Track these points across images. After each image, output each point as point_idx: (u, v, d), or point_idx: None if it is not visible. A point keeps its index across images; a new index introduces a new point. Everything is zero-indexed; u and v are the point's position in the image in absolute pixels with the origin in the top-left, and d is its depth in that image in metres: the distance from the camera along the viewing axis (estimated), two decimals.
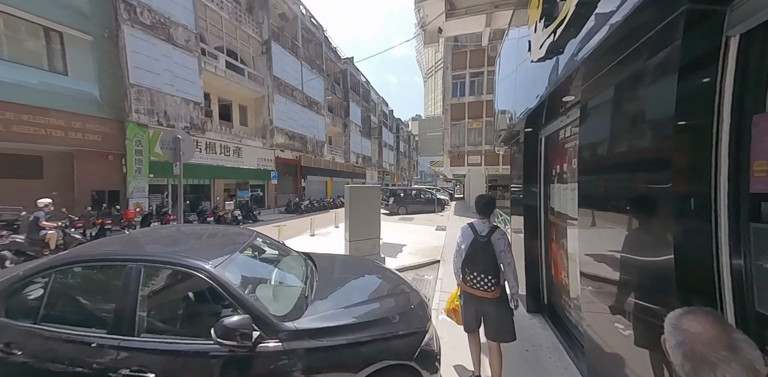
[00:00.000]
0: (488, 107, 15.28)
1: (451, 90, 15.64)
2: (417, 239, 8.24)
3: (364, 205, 5.34)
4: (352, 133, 27.53)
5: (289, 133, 18.64)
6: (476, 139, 15.70)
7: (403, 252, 6.67)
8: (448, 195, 26.34)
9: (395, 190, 15.60)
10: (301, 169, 21.68)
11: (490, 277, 2.07)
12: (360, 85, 30.03)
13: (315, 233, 9.35)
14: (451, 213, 16.13)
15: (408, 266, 5.53)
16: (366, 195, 5.41)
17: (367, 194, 5.43)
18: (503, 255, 2.06)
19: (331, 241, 7.95)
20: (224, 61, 15.02)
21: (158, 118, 11.49)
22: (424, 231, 9.70)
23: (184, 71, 12.56)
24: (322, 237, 8.98)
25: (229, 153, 15.60)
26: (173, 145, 5.07)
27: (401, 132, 48.74)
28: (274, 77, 17.40)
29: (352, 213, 5.25)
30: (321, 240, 8.28)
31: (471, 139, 15.76)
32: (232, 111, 17.47)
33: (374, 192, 5.53)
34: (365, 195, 5.40)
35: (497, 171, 15.66)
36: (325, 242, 7.93)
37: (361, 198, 5.34)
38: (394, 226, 10.83)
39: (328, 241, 8.05)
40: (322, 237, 8.99)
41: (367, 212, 5.36)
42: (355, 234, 5.25)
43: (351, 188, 5.30)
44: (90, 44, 9.64)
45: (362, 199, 5.35)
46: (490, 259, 2.08)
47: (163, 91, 11.58)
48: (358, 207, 5.29)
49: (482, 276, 2.09)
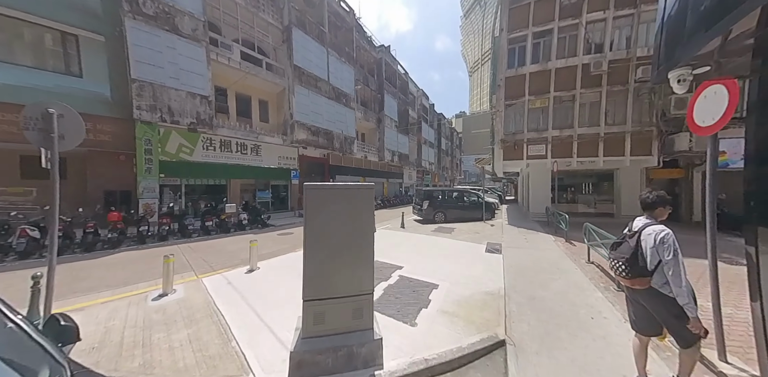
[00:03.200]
0: (559, 78, 11.51)
1: (506, 58, 12.06)
2: (457, 271, 5.28)
3: (338, 225, 2.66)
4: (387, 129, 25.00)
5: (312, 128, 16.78)
6: (541, 123, 11.96)
7: (431, 306, 3.69)
8: (497, 197, 22.38)
9: (431, 191, 12.53)
10: (329, 168, 19.75)
11: (620, 263, 2.19)
12: (397, 76, 27.42)
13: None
14: (504, 221, 12.62)
15: (434, 360, 2.63)
16: (343, 205, 2.70)
17: (344, 201, 2.71)
18: (658, 253, 2.09)
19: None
20: (239, 51, 13.60)
21: (161, 114, 10.65)
22: (469, 255, 6.65)
23: (190, 63, 11.49)
24: None
25: (247, 151, 14.35)
26: (43, 124, 2.98)
27: (443, 128, 44.99)
28: (294, 66, 15.64)
29: (312, 241, 2.60)
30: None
31: (533, 123, 12.04)
32: (252, 106, 16.16)
33: (363, 198, 2.76)
34: (342, 205, 2.69)
35: (569, 165, 11.78)
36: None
37: (334, 212, 2.66)
38: (424, 243, 7.94)
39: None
40: None
41: (344, 239, 2.67)
42: (316, 287, 2.59)
43: (311, 190, 2.63)
44: (102, 45, 9.63)
45: (335, 213, 2.66)
46: (627, 248, 2.20)
47: (167, 85, 10.72)
48: (325, 229, 2.62)
49: (615, 260, 2.23)
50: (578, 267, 5.56)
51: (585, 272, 5.23)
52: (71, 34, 9.13)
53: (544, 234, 9.09)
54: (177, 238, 8.98)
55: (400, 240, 8.13)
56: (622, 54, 10.93)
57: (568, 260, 6.06)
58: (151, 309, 3.73)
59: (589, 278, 4.85)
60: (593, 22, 11.22)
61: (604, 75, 11.02)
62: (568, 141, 11.46)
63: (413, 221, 12.57)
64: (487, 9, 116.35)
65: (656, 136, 10.74)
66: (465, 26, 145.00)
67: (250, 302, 3.91)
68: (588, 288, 4.37)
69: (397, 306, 3.65)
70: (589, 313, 3.47)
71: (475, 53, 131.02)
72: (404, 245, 7.52)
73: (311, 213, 2.67)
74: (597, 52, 11.26)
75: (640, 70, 10.50)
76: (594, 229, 5.58)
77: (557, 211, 9.13)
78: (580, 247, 7.32)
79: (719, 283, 2.81)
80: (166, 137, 11.08)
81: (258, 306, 3.78)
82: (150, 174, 10.52)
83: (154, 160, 10.70)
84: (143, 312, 3.66)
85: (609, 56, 10.92)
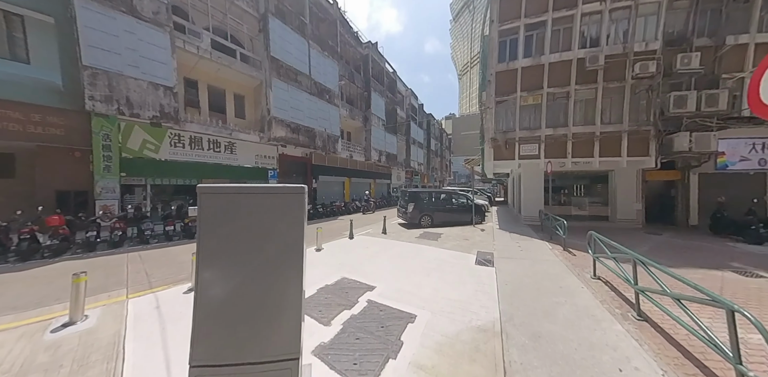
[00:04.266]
0: (553, 73, 10.77)
1: (497, 52, 11.21)
2: (441, 291, 4.33)
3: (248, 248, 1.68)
4: (374, 128, 24.02)
5: (291, 125, 15.63)
6: (533, 121, 11.18)
7: (402, 354, 2.65)
8: (487, 198, 21.67)
9: (417, 193, 11.53)
10: (312, 167, 18.65)
11: None
12: (385, 74, 26.49)
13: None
14: (495, 225, 11.80)
15: None
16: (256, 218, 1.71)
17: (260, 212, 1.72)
18: None
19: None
20: (209, 40, 12.41)
21: (119, 105, 9.41)
22: (457, 268, 5.72)
23: (152, 50, 10.27)
24: None
25: (220, 148, 13.19)
26: None
27: (432, 128, 44.32)
28: (272, 58, 14.48)
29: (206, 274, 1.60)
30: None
31: (525, 120, 11.23)
32: (226, 101, 14.95)
33: (289, 207, 1.76)
34: (256, 218, 1.69)
35: (563, 166, 11.05)
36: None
37: (241, 228, 1.67)
38: (405, 253, 6.96)
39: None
40: None
41: (258, 270, 1.68)
42: (210, 346, 1.60)
43: (207, 194, 1.62)
44: (52, 27, 8.56)
45: (243, 230, 1.67)
46: None
47: (125, 74, 9.49)
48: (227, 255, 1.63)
49: None
50: (584, 284, 4.69)
51: (593, 291, 4.36)
52: (16, 15, 8.10)
53: (539, 241, 8.27)
54: (133, 245, 7.99)
55: (379, 250, 7.13)
56: (619, 48, 10.29)
57: (571, 275, 5.19)
58: (41, 346, 2.82)
59: (600, 301, 3.98)
60: (589, 13, 10.55)
61: (601, 70, 10.35)
62: (563, 140, 10.72)
63: (398, 225, 11.61)
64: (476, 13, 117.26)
65: (654, 135, 10.12)
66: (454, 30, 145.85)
67: (171, 338, 2.92)
68: (603, 317, 3.48)
69: (355, 353, 2.64)
70: (614, 362, 2.56)
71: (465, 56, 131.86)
72: (382, 256, 6.53)
73: (206, 230, 1.67)
74: (593, 46, 10.59)
75: (637, 66, 9.86)
76: (600, 239, 4.73)
77: (553, 216, 8.33)
78: (580, 256, 6.50)
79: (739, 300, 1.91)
80: (127, 132, 9.95)
81: (180, 345, 2.76)
82: (109, 172, 9.38)
83: (114, 157, 9.54)
84: (30, 350, 2.75)
85: (606, 51, 10.25)
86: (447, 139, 61.62)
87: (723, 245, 8.00)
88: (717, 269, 5.69)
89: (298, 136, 16.14)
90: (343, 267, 5.66)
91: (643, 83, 10.21)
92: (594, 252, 5.09)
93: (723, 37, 10.04)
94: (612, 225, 11.41)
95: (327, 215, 15.39)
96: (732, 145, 10.37)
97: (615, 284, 4.71)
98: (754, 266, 5.87)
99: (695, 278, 5.21)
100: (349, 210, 17.50)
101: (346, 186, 22.44)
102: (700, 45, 10.17)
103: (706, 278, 5.20)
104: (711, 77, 10.19)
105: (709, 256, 6.73)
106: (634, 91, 10.34)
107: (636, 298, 3.52)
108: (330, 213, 15.67)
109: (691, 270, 5.64)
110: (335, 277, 5.09)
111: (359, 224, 12.27)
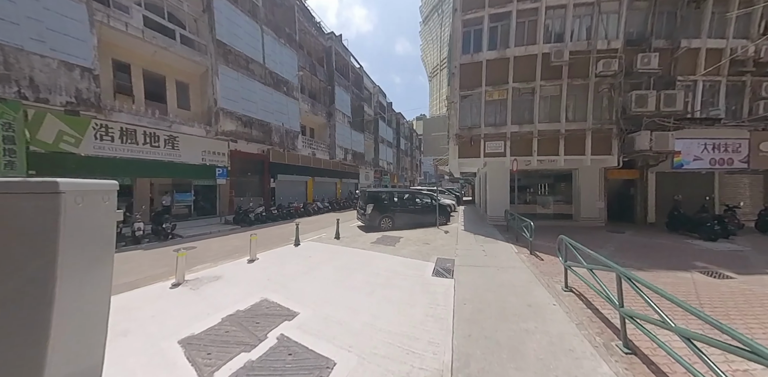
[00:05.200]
0: (518, 67, 10.28)
1: (461, 42, 10.55)
2: (381, 320, 3.34)
3: None
4: (339, 124, 22.77)
5: (243, 118, 14.02)
6: (499, 117, 10.64)
7: None
8: (455, 198, 21.27)
9: (376, 193, 10.46)
10: (269, 166, 17.05)
11: None
12: (350, 69, 25.32)
13: (188, 278, 4.56)
14: (460, 225, 11.14)
15: None
16: None
17: None
18: None
19: (178, 314, 3.12)
20: (141, 16, 10.56)
21: (19, 87, 7.68)
22: (409, 282, 4.77)
23: (64, 22, 8.49)
24: (191, 290, 4.18)
25: (159, 143, 11.39)
26: None
27: (402, 127, 43.77)
28: (218, 41, 12.83)
29: None
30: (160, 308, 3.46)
31: (490, 116, 10.66)
32: (167, 89, 13.01)
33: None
34: None
35: (528, 164, 10.63)
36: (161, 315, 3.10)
37: None
38: (352, 263, 5.90)
39: (177, 310, 3.23)
40: (190, 289, 4.19)
41: None
42: None
43: None
44: None
45: None
46: None
47: (26, 49, 7.72)
48: None
49: None
50: (555, 299, 3.94)
51: (567, 309, 3.60)
52: None
53: (505, 243, 7.63)
54: None
55: (322, 260, 6.00)
56: (583, 45, 10.04)
57: (539, 286, 4.44)
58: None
59: (576, 324, 3.19)
60: (554, 7, 10.20)
61: (565, 66, 10.04)
62: (528, 137, 10.28)
63: (357, 227, 10.55)
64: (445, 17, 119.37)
65: (616, 134, 9.98)
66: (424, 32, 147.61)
67: None
68: (583, 351, 2.67)
69: None
70: None
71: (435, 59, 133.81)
72: (324, 268, 5.42)
73: None
74: (558, 41, 10.26)
75: (601, 64, 9.65)
76: (573, 245, 4.01)
77: (519, 216, 7.73)
78: (548, 262, 5.86)
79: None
80: (37, 121, 8.19)
81: None
82: (13, 169, 7.66)
83: (19, 151, 7.77)
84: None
85: (570, 46, 9.95)
86: (417, 138, 61.62)
87: (682, 242, 7.99)
88: (685, 270, 5.49)
89: (251, 131, 14.53)
90: (270, 284, 4.50)
91: (606, 81, 10.04)
92: (565, 261, 4.38)
93: (678, 39, 10.14)
94: (576, 224, 11.20)
95: (283, 218, 13.95)
96: (686, 144, 10.53)
97: (589, 297, 4.02)
98: (717, 265, 5.79)
99: (667, 282, 4.71)
100: (308, 212, 16.13)
101: (309, 186, 20.99)
102: (658, 46, 10.19)
103: (678, 282, 4.75)
104: (668, 78, 10.25)
105: (674, 255, 6.60)
106: (598, 89, 10.15)
107: (622, 324, 2.76)
108: (286, 215, 14.23)
109: (661, 273, 5.26)
110: (254, 299, 3.93)
111: (315, 227, 11.04)
